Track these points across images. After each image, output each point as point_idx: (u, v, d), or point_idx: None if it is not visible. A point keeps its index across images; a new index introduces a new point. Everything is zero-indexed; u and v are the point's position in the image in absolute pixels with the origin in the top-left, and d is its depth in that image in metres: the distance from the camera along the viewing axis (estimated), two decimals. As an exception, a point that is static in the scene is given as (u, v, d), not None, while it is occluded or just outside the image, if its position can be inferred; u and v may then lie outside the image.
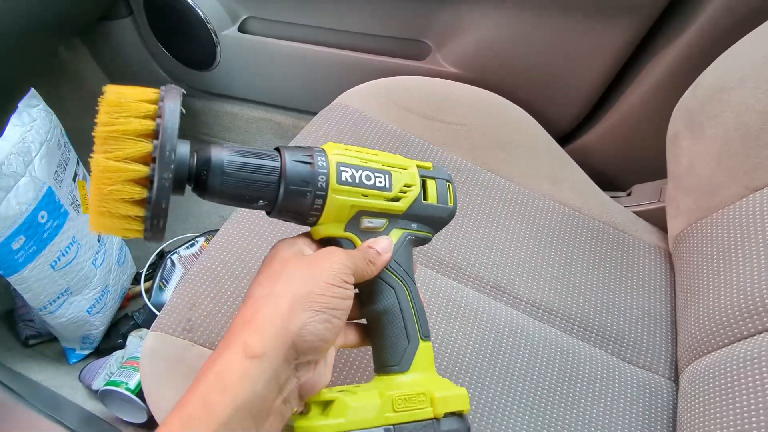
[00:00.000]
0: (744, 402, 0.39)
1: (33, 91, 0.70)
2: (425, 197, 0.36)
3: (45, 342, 0.86)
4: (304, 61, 0.92)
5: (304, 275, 0.30)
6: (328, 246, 0.34)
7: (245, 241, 0.52)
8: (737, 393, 0.40)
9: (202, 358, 0.45)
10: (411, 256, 0.37)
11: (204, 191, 0.30)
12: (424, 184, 0.37)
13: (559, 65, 0.76)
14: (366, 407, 0.32)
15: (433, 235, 0.38)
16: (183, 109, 0.27)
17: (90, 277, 0.78)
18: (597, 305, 0.57)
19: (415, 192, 0.36)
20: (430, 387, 0.34)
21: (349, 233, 0.34)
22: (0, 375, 0.67)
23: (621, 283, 0.59)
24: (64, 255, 0.73)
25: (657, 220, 0.68)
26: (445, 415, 0.33)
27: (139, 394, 0.70)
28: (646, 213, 0.70)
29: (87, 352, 0.85)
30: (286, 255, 0.32)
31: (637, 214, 0.69)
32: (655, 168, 0.70)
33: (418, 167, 0.37)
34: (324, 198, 0.32)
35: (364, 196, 0.33)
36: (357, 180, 0.33)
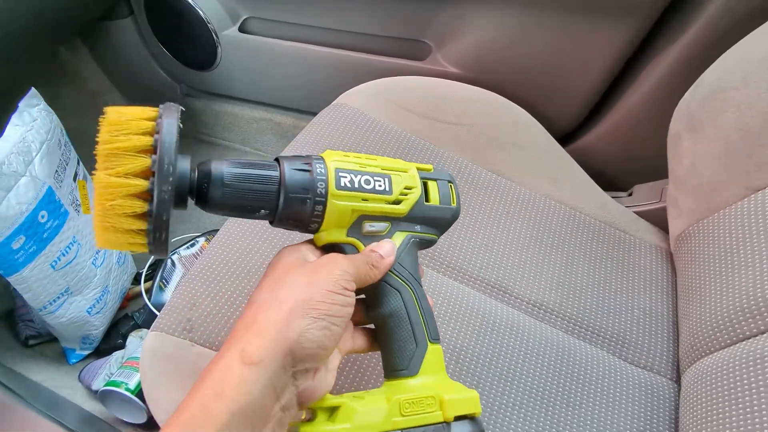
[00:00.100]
0: (747, 402, 0.39)
1: (33, 91, 0.70)
2: (427, 199, 0.36)
3: (45, 342, 0.86)
4: (304, 62, 0.92)
5: (304, 282, 0.30)
6: (331, 252, 0.34)
7: (245, 241, 0.52)
8: (740, 393, 0.40)
9: (202, 358, 0.45)
10: (416, 258, 0.36)
11: (206, 204, 0.31)
12: (425, 185, 0.37)
13: (560, 65, 0.76)
14: (373, 412, 0.32)
15: (439, 237, 0.38)
16: (181, 125, 0.28)
17: (90, 277, 0.78)
18: (598, 305, 0.57)
19: (417, 194, 0.36)
20: (439, 390, 0.33)
21: (352, 238, 0.34)
22: (0, 375, 0.67)
23: (622, 284, 0.59)
24: (64, 255, 0.72)
25: (658, 220, 0.68)
26: (456, 419, 0.33)
27: (139, 394, 0.70)
28: (647, 213, 0.70)
29: (87, 352, 0.85)
30: (288, 261, 0.32)
31: (638, 214, 0.69)
32: (656, 168, 0.69)
33: (418, 170, 0.37)
34: (324, 204, 0.32)
35: (364, 200, 0.33)
36: (356, 185, 0.33)
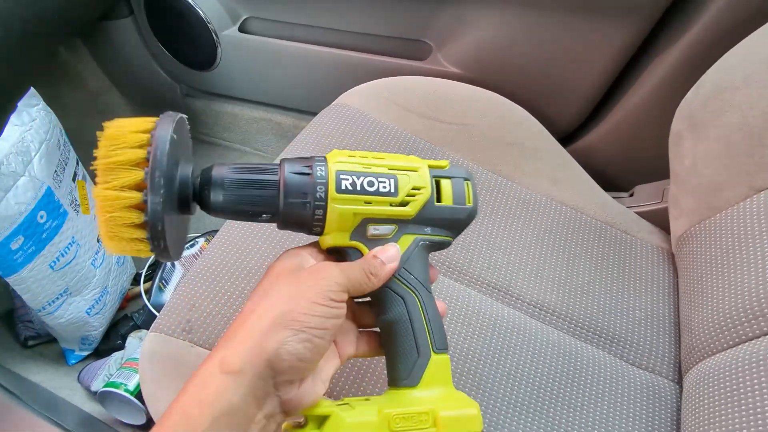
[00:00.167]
0: (750, 404, 0.39)
1: (32, 91, 0.69)
2: (439, 199, 0.34)
3: (44, 343, 0.86)
4: (304, 61, 0.92)
5: (289, 292, 0.30)
6: (336, 255, 0.34)
7: (245, 242, 0.52)
8: (743, 395, 0.40)
9: (201, 359, 0.44)
10: (426, 262, 0.35)
11: (209, 209, 0.32)
12: (437, 185, 0.35)
13: (561, 65, 0.76)
14: (360, 425, 0.31)
15: (454, 239, 0.36)
16: (174, 135, 0.28)
17: (89, 278, 0.78)
18: (599, 306, 0.56)
19: (426, 194, 0.34)
20: (439, 405, 0.32)
21: (356, 242, 0.33)
22: (-2, 376, 0.67)
23: (623, 285, 0.59)
24: (63, 255, 0.72)
25: (659, 220, 0.67)
26: None
27: (138, 395, 0.69)
28: (648, 214, 0.69)
29: (86, 353, 0.85)
30: (281, 268, 0.32)
31: (640, 214, 0.69)
32: (658, 168, 0.69)
33: (431, 167, 0.35)
34: (324, 208, 0.32)
35: (366, 203, 0.32)
36: (358, 187, 0.32)
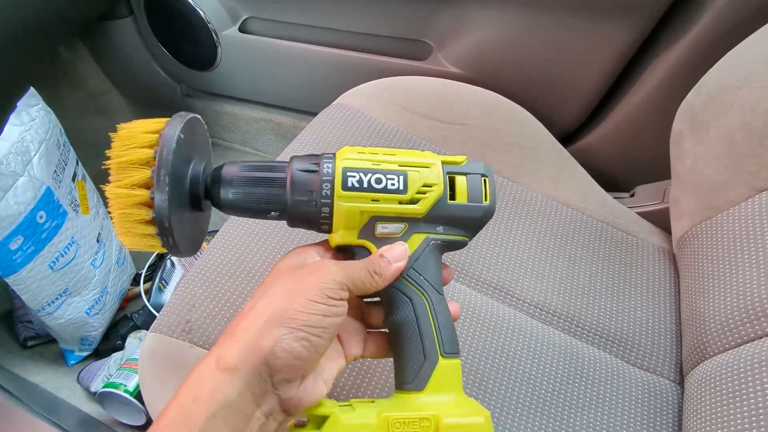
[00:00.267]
0: (752, 405, 0.38)
1: (32, 91, 0.69)
2: (453, 196, 0.33)
3: (43, 343, 0.85)
4: (305, 62, 0.92)
5: (287, 290, 0.30)
6: (345, 254, 0.33)
7: (245, 242, 0.52)
8: (745, 396, 0.40)
9: (201, 359, 0.44)
10: (438, 263, 0.34)
11: (219, 206, 0.32)
12: (452, 181, 0.33)
13: (562, 65, 0.76)
14: (358, 427, 0.31)
15: (470, 238, 0.34)
16: (182, 135, 0.29)
17: (89, 278, 0.78)
18: (600, 307, 0.56)
19: (437, 192, 0.32)
20: (442, 411, 0.31)
21: (364, 240, 0.33)
22: (-2, 376, 0.67)
23: (624, 285, 0.59)
24: (62, 255, 0.72)
25: (660, 221, 0.67)
26: None
27: (138, 396, 0.69)
28: (649, 214, 0.69)
29: (86, 353, 0.84)
30: (284, 266, 0.32)
31: (641, 215, 0.69)
32: (659, 169, 0.69)
33: (445, 163, 0.33)
34: (330, 206, 0.32)
35: (374, 200, 0.32)
36: (365, 184, 0.32)
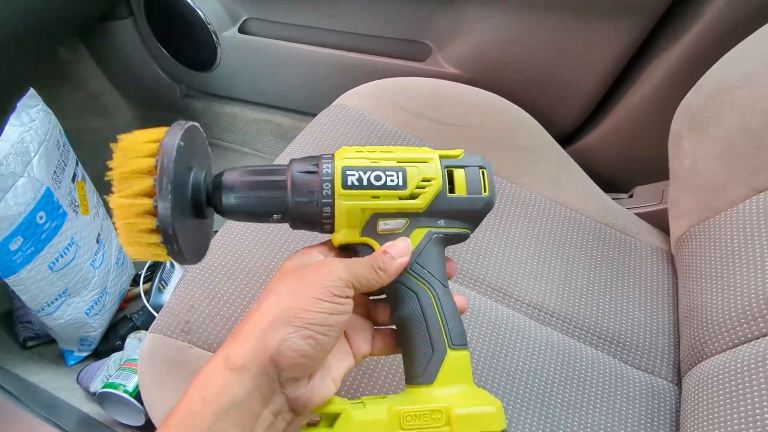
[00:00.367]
0: (749, 405, 0.39)
1: (32, 91, 0.69)
2: (452, 189, 0.34)
3: (43, 344, 0.85)
4: (304, 62, 0.92)
5: (292, 289, 0.30)
6: (348, 253, 0.34)
7: (244, 243, 0.52)
8: (742, 396, 0.40)
9: (200, 360, 0.44)
10: (441, 256, 0.34)
11: (222, 212, 0.32)
12: (450, 175, 0.34)
13: (561, 66, 0.76)
14: (370, 423, 0.31)
15: (472, 230, 0.35)
16: (182, 143, 0.29)
17: (88, 279, 0.78)
18: (599, 307, 0.56)
19: (436, 186, 0.33)
20: (452, 403, 0.31)
21: (366, 237, 0.33)
22: (-3, 377, 0.67)
23: (623, 286, 0.59)
24: (62, 256, 0.72)
25: (659, 221, 0.67)
26: None
27: (137, 396, 0.69)
28: (648, 215, 0.69)
29: (85, 354, 0.85)
30: (289, 266, 0.32)
31: (639, 215, 0.69)
32: (658, 169, 0.69)
33: (443, 157, 0.34)
34: (331, 205, 0.32)
35: (374, 197, 0.32)
36: (365, 182, 0.32)
